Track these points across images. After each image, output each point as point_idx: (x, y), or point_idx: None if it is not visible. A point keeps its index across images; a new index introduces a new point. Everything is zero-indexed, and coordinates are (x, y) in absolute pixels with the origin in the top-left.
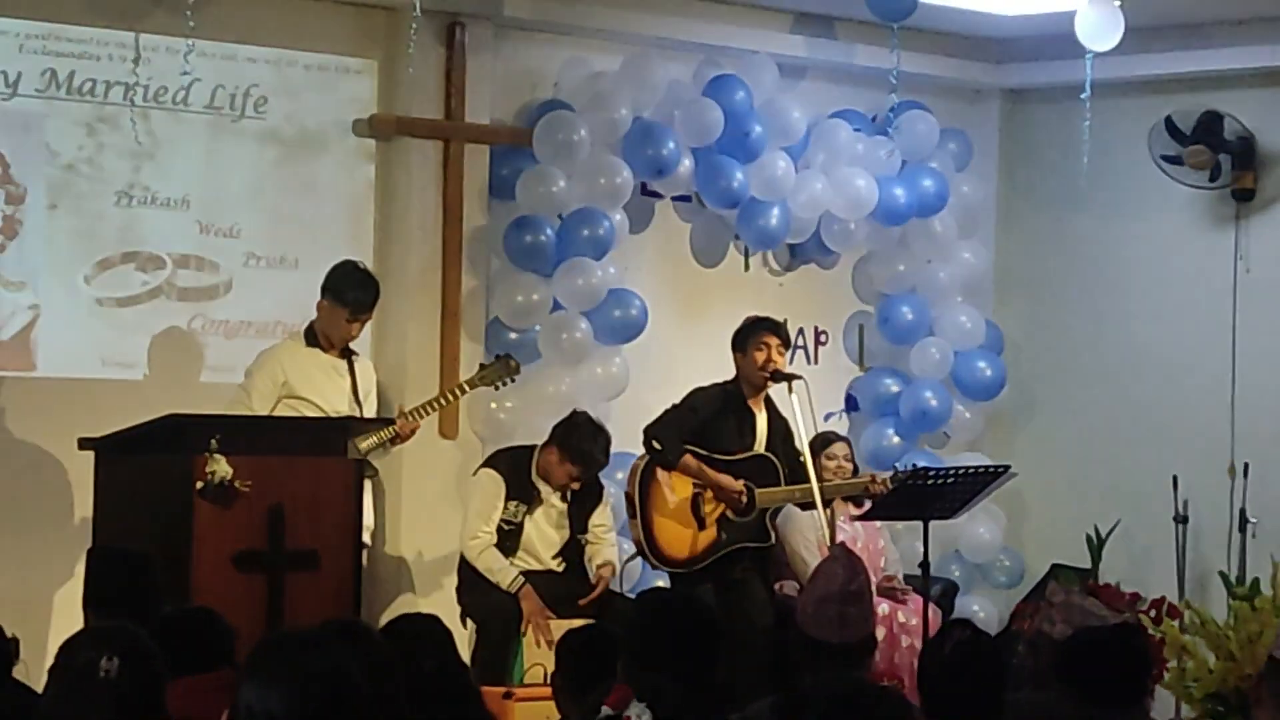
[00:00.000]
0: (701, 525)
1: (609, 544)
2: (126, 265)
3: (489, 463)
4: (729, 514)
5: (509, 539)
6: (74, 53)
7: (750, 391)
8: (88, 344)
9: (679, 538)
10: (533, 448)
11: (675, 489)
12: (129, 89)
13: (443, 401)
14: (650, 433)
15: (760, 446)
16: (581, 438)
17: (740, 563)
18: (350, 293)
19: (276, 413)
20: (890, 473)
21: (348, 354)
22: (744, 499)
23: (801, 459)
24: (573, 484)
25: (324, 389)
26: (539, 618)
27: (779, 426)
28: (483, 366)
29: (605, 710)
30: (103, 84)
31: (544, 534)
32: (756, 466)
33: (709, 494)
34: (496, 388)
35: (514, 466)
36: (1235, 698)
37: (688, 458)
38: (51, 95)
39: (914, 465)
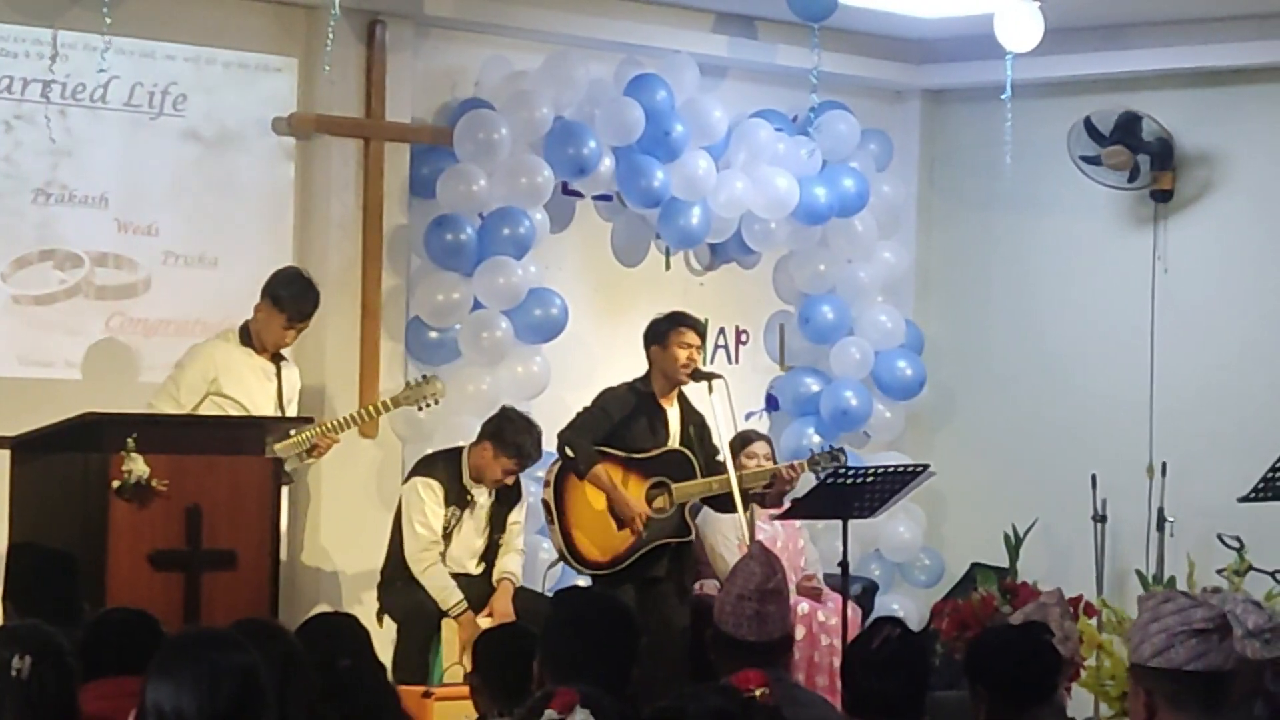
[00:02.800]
0: (620, 526)
1: (514, 551)
2: (44, 263)
3: (423, 471)
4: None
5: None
6: None
7: (664, 388)
8: (5, 343)
9: (598, 540)
10: (459, 450)
11: (593, 493)
12: (46, 86)
13: (364, 416)
14: (563, 438)
15: (674, 442)
16: (515, 431)
17: (660, 560)
18: (291, 300)
19: (202, 409)
20: (808, 457)
21: (278, 359)
22: (643, 523)
23: (720, 457)
24: (507, 479)
25: (252, 390)
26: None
27: (693, 420)
28: (408, 385)
29: (550, 714)
30: (19, 81)
31: (468, 540)
32: (671, 461)
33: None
34: (420, 408)
35: (448, 472)
36: None
37: (599, 468)
38: None
39: (831, 447)
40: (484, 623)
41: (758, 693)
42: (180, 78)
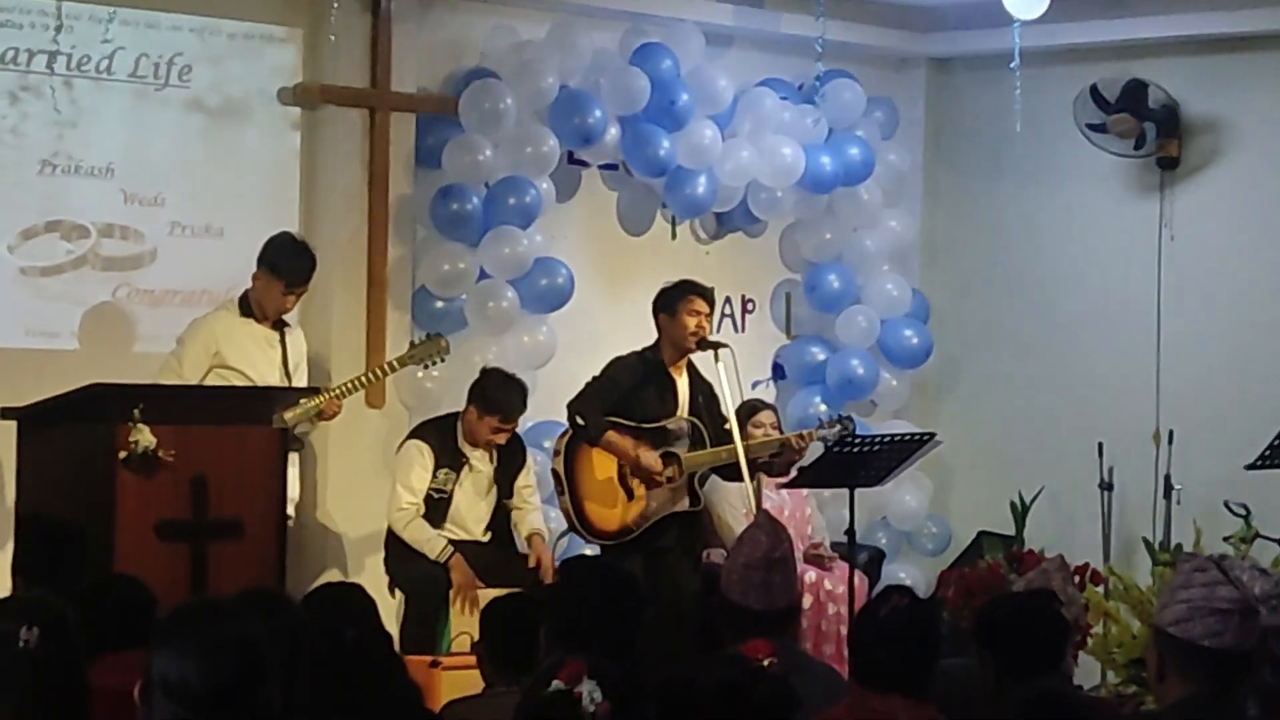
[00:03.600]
0: (630, 495)
1: (534, 508)
2: (51, 234)
3: (414, 434)
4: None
5: (437, 509)
6: None
7: (673, 356)
8: (11, 314)
9: (608, 510)
10: (456, 415)
11: (601, 463)
12: (51, 57)
13: (370, 378)
14: (573, 408)
15: (683, 412)
16: (495, 388)
17: (669, 530)
18: (287, 265)
19: (207, 382)
20: (816, 426)
21: (280, 326)
22: (663, 479)
23: (727, 426)
24: (496, 438)
25: (256, 360)
26: (469, 588)
27: (701, 389)
28: (412, 345)
29: (557, 684)
30: (25, 53)
31: (472, 504)
32: (681, 431)
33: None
34: (425, 367)
35: (440, 435)
36: None
37: (610, 434)
38: None
39: (839, 415)
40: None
41: (765, 662)
42: (185, 48)
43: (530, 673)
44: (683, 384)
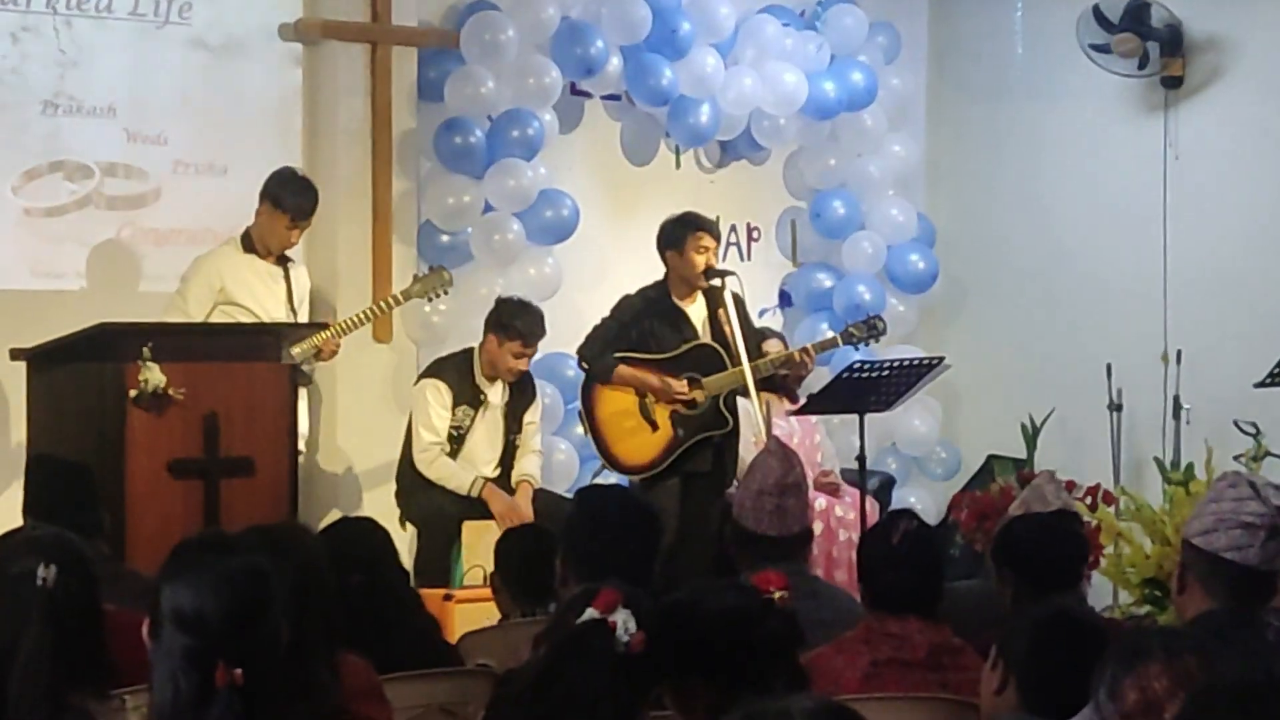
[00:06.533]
0: (654, 427)
1: (531, 451)
2: (54, 174)
3: (430, 372)
4: (680, 409)
5: (453, 446)
6: None
7: (683, 292)
8: (16, 255)
9: (635, 444)
10: (470, 350)
11: (618, 398)
12: None
13: (375, 312)
14: (581, 353)
15: (704, 338)
16: (511, 314)
17: (704, 453)
18: (290, 199)
19: (212, 319)
20: (842, 329)
21: (284, 261)
22: (687, 393)
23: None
24: (519, 364)
25: (260, 296)
26: (511, 515)
27: (717, 304)
28: (416, 278)
29: (591, 613)
30: None
31: (485, 441)
32: (701, 356)
33: (652, 396)
34: (430, 299)
35: (458, 372)
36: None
37: (621, 368)
38: None
39: (870, 314)
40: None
41: (776, 595)
42: None
43: (545, 604)
44: (695, 312)
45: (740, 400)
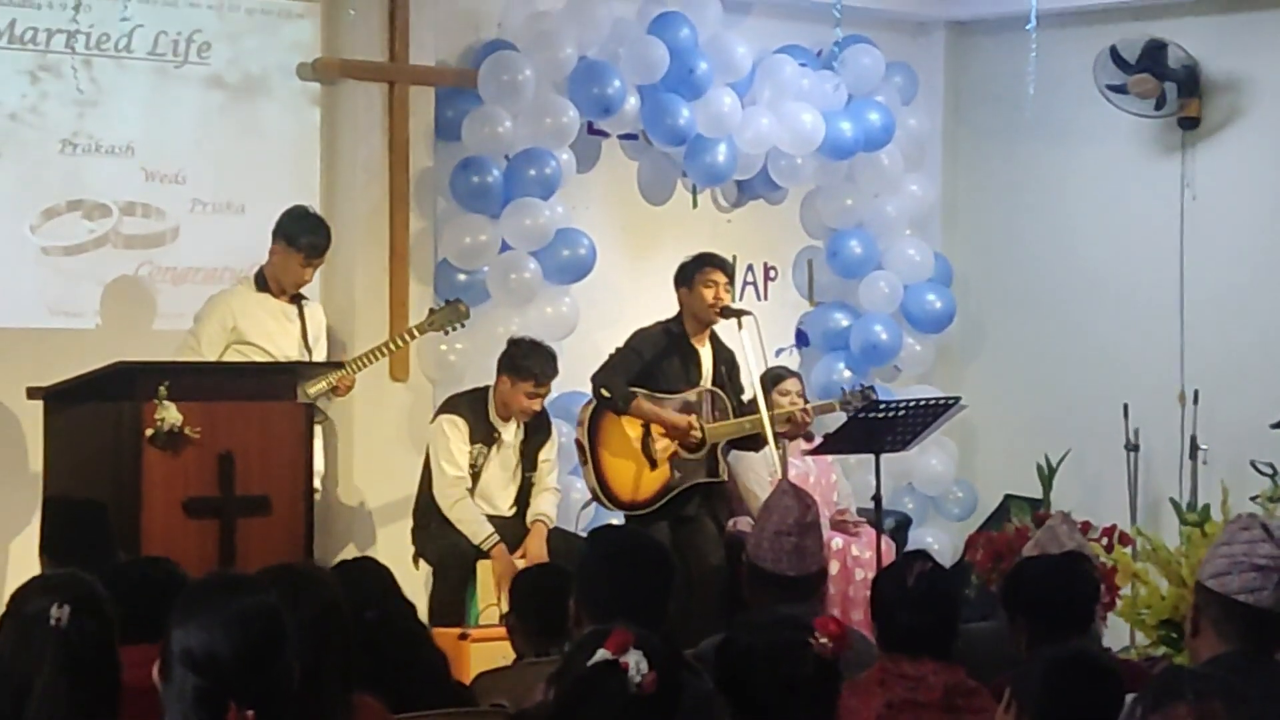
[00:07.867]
0: (653, 465)
1: (547, 489)
2: (73, 213)
3: (446, 408)
4: (680, 452)
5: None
6: (14, 1)
7: (695, 328)
8: (35, 293)
9: (632, 479)
10: (485, 389)
11: (625, 432)
12: (70, 37)
13: (391, 347)
14: (598, 381)
15: (706, 383)
16: (524, 354)
17: (692, 500)
18: (304, 237)
19: (226, 359)
20: (838, 397)
21: (298, 299)
22: (697, 434)
23: (746, 398)
24: (533, 404)
25: (274, 335)
26: (509, 579)
27: (724, 358)
28: (432, 311)
29: (603, 653)
30: (44, 32)
31: (498, 479)
32: (709, 402)
33: (658, 434)
34: (446, 333)
35: (473, 410)
36: None
37: (638, 401)
38: None
39: (862, 385)
40: (519, 564)
41: (826, 641)
42: (204, 25)
43: (560, 644)
44: (706, 355)
45: (734, 450)
